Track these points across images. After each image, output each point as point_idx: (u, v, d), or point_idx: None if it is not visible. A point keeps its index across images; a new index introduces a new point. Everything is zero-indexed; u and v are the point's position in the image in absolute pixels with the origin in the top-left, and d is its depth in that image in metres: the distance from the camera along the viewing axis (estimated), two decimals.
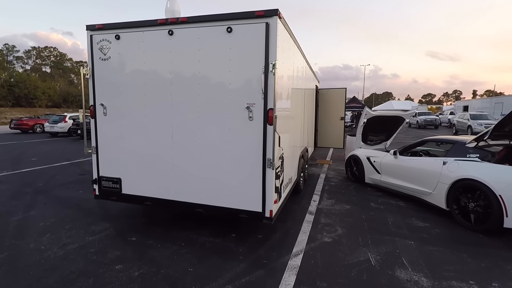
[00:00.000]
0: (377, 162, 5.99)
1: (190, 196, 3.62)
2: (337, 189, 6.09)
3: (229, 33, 3.24)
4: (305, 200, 5.26)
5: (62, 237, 3.62)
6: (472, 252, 3.34)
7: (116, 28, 3.69)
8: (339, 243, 3.57)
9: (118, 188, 3.92)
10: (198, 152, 3.54)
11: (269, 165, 3.25)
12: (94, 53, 3.83)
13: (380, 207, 4.92)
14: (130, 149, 3.84)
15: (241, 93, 3.30)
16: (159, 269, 2.93)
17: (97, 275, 2.80)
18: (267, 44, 3.14)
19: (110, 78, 3.82)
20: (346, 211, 4.72)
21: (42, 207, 4.74)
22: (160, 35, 3.51)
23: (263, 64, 3.16)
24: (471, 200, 4.01)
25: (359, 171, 6.55)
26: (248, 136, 3.32)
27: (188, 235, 3.73)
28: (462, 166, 4.22)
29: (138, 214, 4.42)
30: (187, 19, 3.39)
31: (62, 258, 3.12)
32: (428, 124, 25.56)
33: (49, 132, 17.27)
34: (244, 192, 3.40)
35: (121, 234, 3.74)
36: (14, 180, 6.39)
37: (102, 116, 3.94)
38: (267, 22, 3.12)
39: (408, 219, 4.38)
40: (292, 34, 4.06)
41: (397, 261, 3.13)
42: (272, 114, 3.15)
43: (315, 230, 3.92)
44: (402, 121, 7.19)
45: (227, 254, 3.26)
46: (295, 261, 3.10)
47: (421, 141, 5.49)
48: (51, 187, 5.91)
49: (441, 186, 4.40)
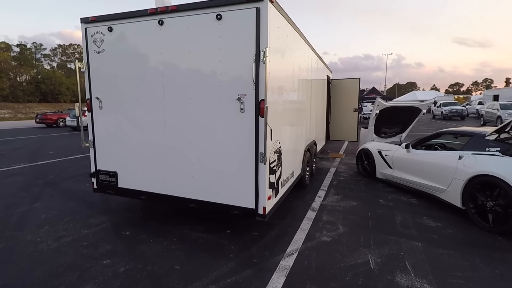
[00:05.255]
0: (388, 156, 5.64)
1: (183, 191, 3.53)
2: (345, 184, 5.81)
3: (218, 21, 3.06)
4: (309, 196, 5.04)
5: (59, 230, 3.66)
6: (486, 257, 3.02)
7: (108, 20, 3.61)
8: (338, 242, 3.35)
9: (114, 181, 3.91)
10: (190, 146, 3.42)
11: (261, 159, 3.07)
12: (89, 46, 3.78)
13: (389, 204, 4.62)
14: (125, 142, 3.79)
15: (232, 84, 3.13)
16: (146, 265, 2.87)
17: (84, 270, 2.78)
18: (257, 30, 2.93)
19: (104, 71, 3.76)
20: (352, 208, 4.47)
21: (48, 199, 4.86)
22: (151, 25, 3.39)
23: (254, 52, 2.96)
24: (489, 198, 3.63)
25: (370, 165, 6.21)
26: (240, 129, 3.16)
27: (182, 230, 3.66)
28: (480, 161, 3.84)
29: (137, 208, 4.41)
30: (176, 7, 3.24)
31: (54, 251, 3.14)
32: (454, 115, 24.13)
33: (70, 126, 17.95)
34: (236, 187, 3.26)
35: (116, 228, 3.73)
36: (28, 172, 6.63)
37: (98, 110, 3.92)
38: (258, 7, 2.90)
39: (419, 217, 4.07)
40: (290, 21, 3.81)
41: (400, 265, 2.88)
42: (264, 106, 2.96)
43: (315, 228, 3.72)
44: (419, 112, 6.73)
45: (217, 252, 3.15)
46: (287, 262, 2.93)
47: (436, 133, 5.08)
48: (61, 179, 6.07)
49: (456, 183, 4.04)
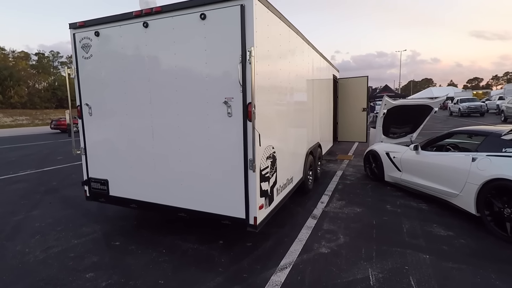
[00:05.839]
0: (397, 158, 5.31)
1: (172, 200, 3.37)
2: (351, 188, 5.52)
3: (203, 20, 2.90)
4: (311, 202, 4.80)
5: (49, 240, 3.58)
6: (503, 272, 2.69)
7: (95, 24, 3.51)
8: (337, 255, 3.11)
9: (105, 189, 3.81)
10: (178, 153, 3.27)
11: (250, 166, 2.88)
12: (78, 52, 3.70)
13: (397, 211, 4.31)
14: (115, 149, 3.69)
15: (218, 87, 2.95)
16: (129, 279, 2.72)
17: (64, 284, 2.66)
18: (243, 29, 2.74)
19: (92, 77, 3.68)
20: (356, 215, 4.19)
21: (46, 206, 4.83)
22: (136, 28, 3.27)
23: (240, 52, 2.77)
24: (507, 205, 3.30)
25: (378, 168, 5.89)
26: (227, 135, 2.97)
27: (173, 240, 3.50)
28: (495, 163, 3.49)
29: (132, 216, 4.31)
30: (161, 8, 3.10)
31: (39, 263, 3.05)
32: (472, 112, 23.09)
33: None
34: (225, 196, 3.07)
35: (107, 237, 3.62)
36: (33, 179, 6.69)
37: (88, 116, 3.84)
38: (242, 4, 2.72)
39: (428, 225, 3.75)
40: (284, 18, 3.60)
41: (403, 281, 2.61)
42: (251, 109, 2.77)
43: (313, 238, 3.48)
44: (430, 111, 6.33)
45: (206, 265, 2.97)
46: (279, 277, 2.71)
47: (448, 133, 4.71)
48: (63, 186, 6.07)
49: (470, 187, 3.70)
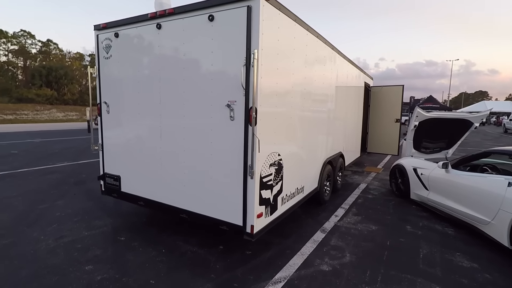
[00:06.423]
0: (424, 175, 4.85)
1: (175, 200, 3.39)
2: (372, 203, 5.15)
3: (211, 22, 2.88)
4: (325, 214, 4.55)
5: (64, 229, 3.79)
6: None
7: (116, 26, 3.69)
8: (338, 274, 2.87)
9: (118, 185, 3.95)
10: (183, 154, 3.28)
11: (249, 173, 2.78)
12: (100, 52, 3.91)
13: (417, 233, 3.91)
14: (127, 147, 3.82)
15: (223, 89, 2.91)
16: (123, 276, 2.76)
17: (64, 274, 2.78)
18: (249, 31, 2.68)
19: (111, 76, 3.86)
20: (369, 233, 3.88)
21: (71, 197, 5.16)
22: (150, 29, 3.36)
23: (245, 55, 2.71)
24: None
25: (404, 184, 5.44)
26: (229, 139, 2.91)
27: (176, 240, 3.51)
28: None
29: (143, 213, 4.42)
30: (173, 10, 3.16)
31: (49, 251, 3.22)
32: None
33: None
34: (225, 201, 3.01)
35: (115, 232, 3.75)
36: (67, 171, 7.22)
37: (106, 114, 4.02)
38: (249, 5, 2.66)
39: (450, 253, 3.34)
40: (299, 21, 3.47)
41: None
42: (252, 114, 2.68)
43: (317, 254, 3.27)
44: (470, 126, 5.73)
45: (200, 269, 2.91)
46: None
47: (484, 152, 4.18)
48: (90, 179, 6.45)
49: (504, 215, 3.23)
